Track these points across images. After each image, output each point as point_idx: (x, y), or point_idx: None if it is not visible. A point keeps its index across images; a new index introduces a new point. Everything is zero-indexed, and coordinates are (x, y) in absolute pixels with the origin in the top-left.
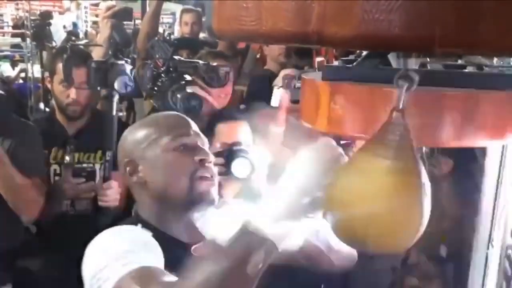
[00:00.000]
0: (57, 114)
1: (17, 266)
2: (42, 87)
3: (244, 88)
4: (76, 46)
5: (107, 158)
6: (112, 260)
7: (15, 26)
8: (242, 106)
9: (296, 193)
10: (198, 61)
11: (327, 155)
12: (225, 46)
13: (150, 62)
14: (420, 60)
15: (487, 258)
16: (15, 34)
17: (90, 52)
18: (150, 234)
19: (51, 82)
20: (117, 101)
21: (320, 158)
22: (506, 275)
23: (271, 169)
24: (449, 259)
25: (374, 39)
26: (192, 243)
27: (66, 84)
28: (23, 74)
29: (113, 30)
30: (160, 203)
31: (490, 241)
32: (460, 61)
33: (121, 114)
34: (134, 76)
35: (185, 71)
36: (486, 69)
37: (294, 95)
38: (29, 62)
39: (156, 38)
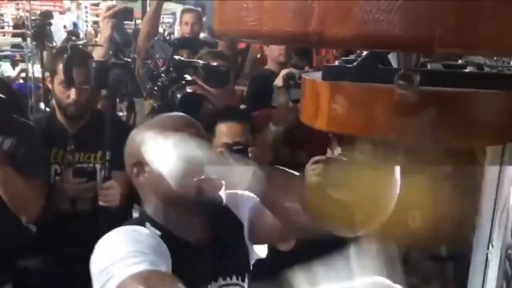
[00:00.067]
0: (58, 114)
1: (17, 266)
2: (43, 87)
3: (245, 88)
4: (77, 46)
5: (108, 158)
6: (119, 260)
7: (16, 26)
8: (243, 106)
9: None
10: (198, 61)
11: None
12: (225, 46)
13: (150, 62)
14: (420, 60)
15: (487, 258)
16: (16, 34)
17: (91, 52)
18: (159, 235)
19: (52, 82)
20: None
21: None
22: (506, 275)
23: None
24: (449, 259)
25: (374, 40)
26: (199, 243)
27: (67, 85)
28: (24, 74)
29: (114, 30)
30: (167, 203)
31: (490, 241)
32: (460, 61)
33: (122, 114)
34: (135, 76)
35: (185, 71)
36: (487, 69)
37: (294, 95)
38: (30, 62)
39: (156, 38)
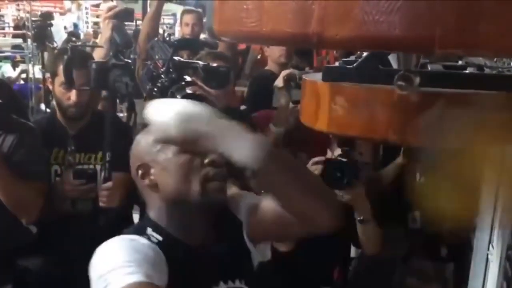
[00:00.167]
0: (58, 115)
1: (18, 267)
2: (43, 88)
3: (245, 89)
4: (77, 48)
5: (108, 159)
6: (115, 268)
7: (16, 27)
8: (243, 107)
9: None
10: (198, 62)
11: None
12: (226, 47)
13: (150, 63)
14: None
15: (488, 259)
16: (16, 35)
17: (92, 53)
18: (159, 240)
19: (52, 83)
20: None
21: None
22: (506, 276)
23: None
24: (450, 260)
25: (374, 40)
26: (201, 246)
27: (67, 86)
28: (24, 75)
29: (114, 31)
30: (171, 206)
31: (491, 242)
32: (461, 62)
33: (122, 115)
34: (135, 77)
35: (185, 72)
36: (487, 70)
37: (295, 96)
38: (30, 63)
39: (156, 39)
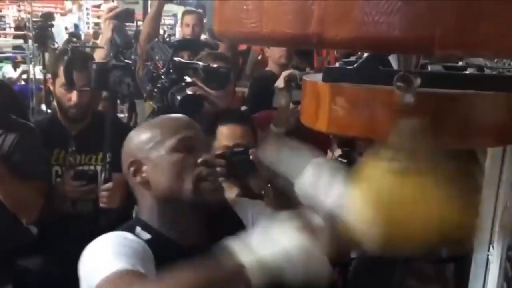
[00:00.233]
0: (59, 116)
1: (18, 267)
2: (44, 89)
3: (246, 90)
4: (78, 49)
5: (108, 160)
6: (102, 262)
7: (17, 28)
8: (244, 108)
9: None
10: (198, 63)
11: None
12: (226, 48)
13: (150, 64)
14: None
15: (488, 260)
16: (17, 36)
17: (92, 54)
18: (148, 238)
19: (53, 84)
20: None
21: None
22: (507, 277)
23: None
24: (450, 261)
25: (374, 41)
26: (192, 247)
27: (68, 87)
28: (25, 76)
29: (114, 32)
30: (163, 204)
31: (491, 243)
32: (461, 63)
33: (123, 116)
34: (135, 77)
35: (185, 73)
36: (487, 71)
37: (296, 96)
38: (31, 64)
39: (156, 40)
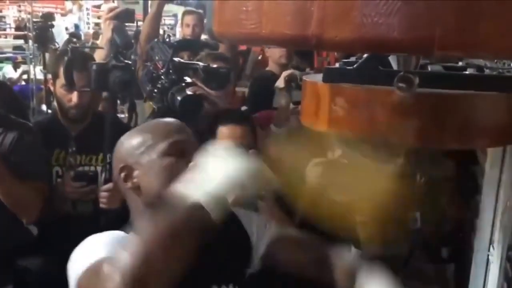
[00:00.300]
0: (60, 116)
1: (18, 267)
2: (44, 89)
3: (246, 90)
4: (78, 49)
5: (108, 160)
6: (92, 262)
7: (18, 28)
8: (244, 108)
9: None
10: (198, 63)
11: None
12: (226, 48)
13: (150, 64)
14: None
15: (488, 260)
16: (18, 36)
17: (92, 54)
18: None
19: (54, 85)
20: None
21: None
22: (507, 277)
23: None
24: (450, 261)
25: (373, 43)
26: None
27: (68, 88)
28: (25, 76)
29: (114, 32)
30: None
31: (491, 243)
32: (461, 63)
33: (123, 116)
34: (136, 78)
35: (185, 73)
36: (487, 71)
37: (296, 96)
38: (31, 64)
39: (156, 40)
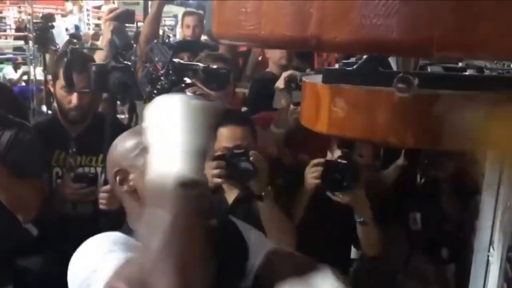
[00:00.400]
0: (60, 117)
1: (18, 267)
2: (45, 90)
3: (246, 91)
4: (77, 50)
5: None
6: (98, 264)
7: (18, 29)
8: (244, 109)
9: None
10: (198, 64)
11: None
12: (226, 49)
13: (149, 65)
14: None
15: (488, 260)
16: (18, 37)
17: (92, 56)
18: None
19: (54, 86)
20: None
21: None
22: (507, 277)
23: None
24: (450, 261)
25: (372, 44)
26: None
27: (68, 89)
28: (26, 77)
29: (113, 33)
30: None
31: (491, 243)
32: (461, 64)
33: (123, 117)
34: (135, 79)
35: (185, 74)
36: (487, 72)
37: (296, 97)
38: (32, 65)
39: (155, 41)
